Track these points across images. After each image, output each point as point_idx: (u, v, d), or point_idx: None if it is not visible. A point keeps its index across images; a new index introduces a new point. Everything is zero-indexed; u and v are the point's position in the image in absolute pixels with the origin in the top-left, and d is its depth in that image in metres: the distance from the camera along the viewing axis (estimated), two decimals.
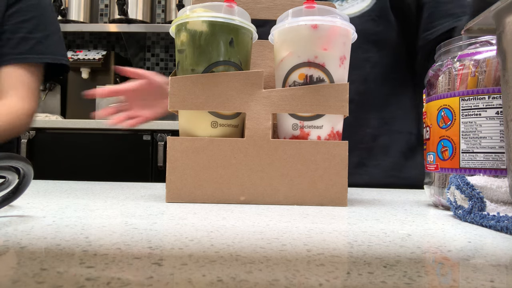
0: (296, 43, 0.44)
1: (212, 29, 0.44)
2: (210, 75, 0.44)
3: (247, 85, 0.44)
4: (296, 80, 0.44)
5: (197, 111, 0.44)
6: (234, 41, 0.45)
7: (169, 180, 0.43)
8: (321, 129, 0.44)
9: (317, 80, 0.44)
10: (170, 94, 0.44)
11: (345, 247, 0.25)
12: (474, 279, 0.19)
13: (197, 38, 0.44)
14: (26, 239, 0.24)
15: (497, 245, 0.26)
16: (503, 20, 0.32)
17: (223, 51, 0.44)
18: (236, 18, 0.44)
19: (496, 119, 0.38)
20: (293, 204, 0.43)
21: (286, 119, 0.45)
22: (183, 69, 0.45)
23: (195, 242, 0.25)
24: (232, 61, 0.45)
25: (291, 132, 0.45)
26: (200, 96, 0.44)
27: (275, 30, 0.46)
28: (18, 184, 0.31)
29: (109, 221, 0.31)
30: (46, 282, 0.17)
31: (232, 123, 0.46)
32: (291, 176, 0.43)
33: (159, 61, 2.37)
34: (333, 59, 0.44)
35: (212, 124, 0.45)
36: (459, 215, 0.35)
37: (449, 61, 0.42)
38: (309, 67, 0.44)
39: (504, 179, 0.36)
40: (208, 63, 0.44)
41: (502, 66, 0.33)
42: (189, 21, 0.44)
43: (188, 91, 0.44)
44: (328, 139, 0.45)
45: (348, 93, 0.44)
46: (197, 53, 0.44)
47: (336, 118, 0.45)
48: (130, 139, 1.74)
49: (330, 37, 0.43)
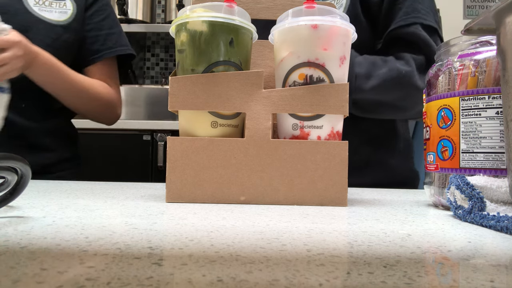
0: (296, 43, 0.44)
1: (212, 29, 0.43)
2: (210, 75, 0.44)
3: (247, 85, 0.44)
4: (296, 80, 0.44)
5: (197, 111, 0.44)
6: (234, 41, 0.44)
7: (169, 180, 0.43)
8: (321, 129, 0.44)
9: (317, 80, 0.44)
10: (170, 94, 0.44)
11: (345, 247, 0.25)
12: (474, 279, 0.19)
13: (197, 38, 0.44)
14: (26, 239, 0.24)
15: (497, 245, 0.26)
16: (503, 20, 0.32)
17: (223, 51, 0.44)
18: (236, 18, 0.44)
19: (496, 119, 0.38)
20: (293, 204, 0.43)
21: (286, 119, 0.45)
22: (183, 69, 0.45)
23: (195, 242, 0.25)
24: (232, 61, 0.45)
25: (291, 132, 0.45)
26: (200, 96, 0.44)
27: (275, 30, 0.46)
28: (16, 185, 0.31)
29: (109, 221, 0.31)
30: (46, 282, 0.17)
31: (232, 123, 0.46)
32: (291, 176, 0.43)
33: (159, 61, 2.37)
34: (333, 59, 0.44)
35: (212, 124, 0.45)
36: (459, 215, 0.35)
37: (449, 61, 0.42)
38: (309, 67, 0.44)
39: (504, 179, 0.36)
40: (208, 63, 0.44)
41: (502, 66, 0.33)
42: (189, 21, 0.44)
43: (188, 91, 0.44)
44: (328, 139, 0.45)
45: (348, 93, 0.44)
46: (197, 53, 0.44)
47: (336, 118, 0.45)
48: (130, 139, 1.74)
49: (330, 37, 0.43)
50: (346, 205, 0.43)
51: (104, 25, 0.92)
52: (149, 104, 2.00)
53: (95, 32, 0.91)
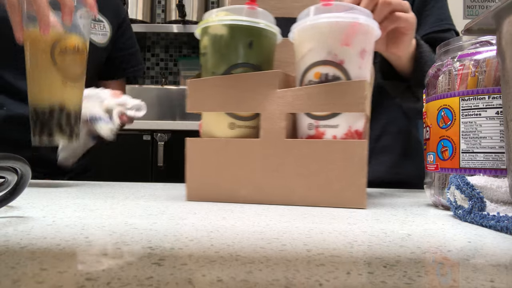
0: (315, 41, 0.43)
1: (231, 32, 0.44)
2: (226, 77, 0.44)
3: (262, 86, 0.44)
4: (312, 79, 0.44)
5: (215, 113, 0.45)
6: (254, 43, 0.45)
7: (189, 180, 0.44)
8: (337, 128, 0.43)
9: (332, 79, 0.43)
10: (188, 96, 0.45)
11: (345, 247, 0.25)
12: (474, 279, 0.19)
13: (217, 41, 0.45)
14: (26, 239, 0.24)
15: (497, 245, 0.26)
16: (503, 20, 0.32)
17: (241, 53, 0.45)
18: (257, 20, 0.44)
19: (496, 119, 0.38)
20: (308, 205, 0.42)
21: (303, 119, 0.45)
22: (205, 72, 0.46)
23: (195, 242, 0.25)
24: (251, 63, 0.45)
25: (307, 132, 0.44)
26: (216, 98, 0.44)
27: (295, 28, 0.46)
28: (15, 185, 0.31)
29: (109, 221, 0.31)
30: (46, 282, 0.17)
31: (250, 125, 0.46)
32: (307, 176, 0.42)
33: (159, 61, 2.37)
34: (353, 56, 0.43)
35: (229, 125, 0.45)
36: (459, 215, 0.35)
37: (449, 61, 0.42)
38: (325, 65, 0.43)
39: (504, 179, 0.36)
40: (228, 65, 0.45)
41: (502, 66, 0.33)
42: (211, 25, 0.45)
43: (206, 93, 0.45)
44: (345, 138, 0.43)
45: (365, 90, 0.42)
46: (218, 56, 0.45)
47: (353, 116, 0.43)
48: (130, 139, 1.74)
49: (350, 34, 0.42)
50: (365, 207, 0.41)
51: (128, 45, 0.98)
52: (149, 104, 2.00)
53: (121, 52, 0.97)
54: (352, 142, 0.42)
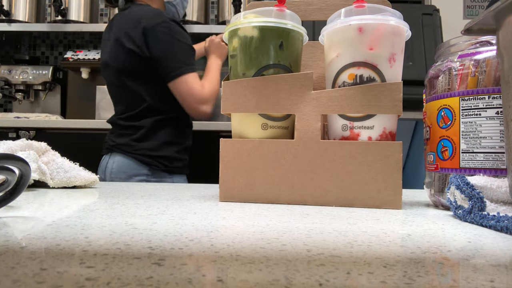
0: (342, 45, 0.44)
1: (262, 34, 0.44)
2: (260, 79, 0.45)
3: (296, 87, 0.44)
4: (346, 81, 0.44)
5: (247, 114, 0.45)
6: (284, 44, 0.45)
7: (222, 181, 0.45)
8: (372, 129, 0.43)
9: (367, 80, 0.43)
10: (223, 98, 0.46)
11: (345, 247, 0.25)
12: (474, 279, 0.19)
13: (247, 43, 0.45)
14: (26, 239, 0.24)
15: (497, 245, 0.26)
16: (503, 20, 0.32)
17: (273, 54, 0.45)
18: (285, 21, 0.45)
19: (496, 119, 0.38)
20: (343, 206, 0.42)
21: (336, 120, 0.45)
22: (235, 74, 0.47)
23: (195, 242, 0.25)
24: (282, 64, 0.45)
25: (340, 133, 0.44)
26: (250, 99, 0.45)
27: (324, 31, 0.46)
28: (16, 185, 0.31)
29: (109, 221, 0.31)
30: (46, 282, 0.17)
31: (282, 125, 0.46)
32: (342, 177, 0.42)
33: None
34: (382, 58, 0.43)
35: (262, 126, 0.45)
36: (459, 215, 0.35)
37: (449, 61, 0.42)
38: (358, 67, 0.43)
39: (504, 179, 0.36)
40: (259, 67, 0.45)
41: (502, 66, 0.33)
42: (240, 27, 0.45)
43: (239, 94, 0.45)
44: (380, 139, 0.43)
45: (401, 92, 0.42)
46: (248, 58, 0.45)
47: (388, 118, 0.43)
48: None
49: (377, 37, 0.42)
50: (401, 208, 0.42)
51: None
52: None
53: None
54: (388, 143, 0.42)
